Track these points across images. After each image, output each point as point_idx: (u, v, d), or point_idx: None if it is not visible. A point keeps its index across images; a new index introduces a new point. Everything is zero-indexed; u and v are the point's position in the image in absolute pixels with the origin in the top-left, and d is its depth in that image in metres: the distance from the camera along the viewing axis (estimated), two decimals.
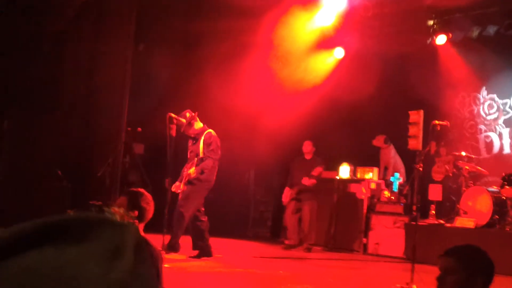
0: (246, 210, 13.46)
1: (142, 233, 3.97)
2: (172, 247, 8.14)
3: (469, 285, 2.72)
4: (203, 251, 8.31)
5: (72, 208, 7.17)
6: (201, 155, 8.42)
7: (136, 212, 4.06)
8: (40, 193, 9.52)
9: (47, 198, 9.50)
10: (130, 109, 11.05)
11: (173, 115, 8.37)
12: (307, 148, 11.19)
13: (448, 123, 7.49)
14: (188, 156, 8.73)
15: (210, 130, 8.65)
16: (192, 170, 8.33)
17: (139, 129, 10.38)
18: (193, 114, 8.66)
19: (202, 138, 8.48)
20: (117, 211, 3.93)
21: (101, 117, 10.76)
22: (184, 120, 8.44)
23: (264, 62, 11.29)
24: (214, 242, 8.58)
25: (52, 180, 10.07)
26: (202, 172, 8.31)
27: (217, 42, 11.10)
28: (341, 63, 12.69)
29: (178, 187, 8.42)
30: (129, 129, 10.40)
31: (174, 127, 8.36)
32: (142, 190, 4.16)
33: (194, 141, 8.64)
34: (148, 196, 4.07)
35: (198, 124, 8.68)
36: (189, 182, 8.36)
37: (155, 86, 11.64)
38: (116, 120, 10.87)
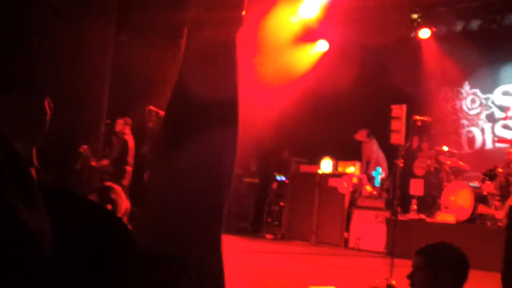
0: (228, 203, 13.34)
1: None
2: None
3: (436, 282, 2.73)
4: None
5: None
6: None
7: (110, 206, 3.96)
8: None
9: None
10: (111, 101, 10.89)
11: (153, 108, 8.22)
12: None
13: (430, 118, 7.43)
14: None
15: None
16: None
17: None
18: None
19: None
20: None
21: (80, 109, 10.56)
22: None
23: (247, 55, 11.17)
24: None
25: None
26: None
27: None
28: (324, 56, 12.61)
29: None
30: (108, 121, 10.27)
31: (154, 120, 8.21)
32: (109, 183, 4.06)
33: None
34: (117, 188, 3.97)
35: None
36: None
37: (136, 78, 11.46)
38: (96, 112, 10.70)
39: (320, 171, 11.58)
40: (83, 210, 0.92)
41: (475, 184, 9.89)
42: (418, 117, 7.23)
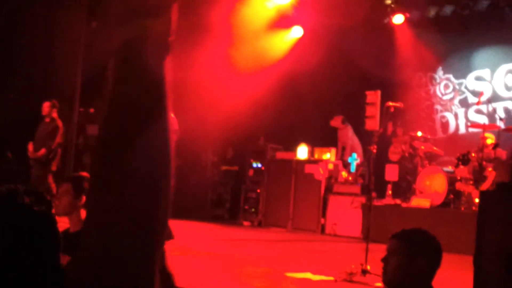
0: (204, 191, 13.33)
1: None
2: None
3: (409, 266, 2.77)
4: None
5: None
6: None
7: (84, 197, 3.88)
8: None
9: None
10: (83, 89, 10.76)
11: None
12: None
13: (402, 104, 7.46)
14: None
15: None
16: None
17: (92, 110, 10.10)
18: None
19: None
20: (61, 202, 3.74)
21: (53, 98, 10.40)
22: None
23: (221, 42, 11.09)
24: (172, 224, 8.41)
25: (2, 162, 9.75)
26: None
27: None
28: (299, 42, 12.58)
29: None
30: (81, 109, 10.14)
31: None
32: (85, 173, 3.95)
33: None
34: None
35: None
36: None
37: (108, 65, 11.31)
38: (69, 100, 10.56)
39: (296, 158, 11.60)
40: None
41: (449, 169, 9.99)
42: (391, 103, 7.25)
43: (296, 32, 12.61)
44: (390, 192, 10.47)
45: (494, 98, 11.65)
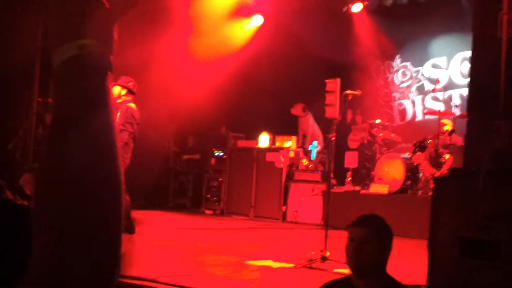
0: (166, 181, 13.31)
1: None
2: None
3: (380, 253, 2.82)
4: (126, 229, 8.06)
5: None
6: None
7: None
8: None
9: None
10: (41, 79, 10.58)
11: None
12: None
13: (360, 92, 7.56)
14: None
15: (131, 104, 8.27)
16: None
17: (50, 100, 9.92)
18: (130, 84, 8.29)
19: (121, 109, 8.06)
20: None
21: (10, 87, 10.20)
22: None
23: (180, 31, 11.02)
24: (134, 214, 8.38)
25: None
26: None
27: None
28: (259, 30, 12.61)
29: None
30: (39, 99, 9.98)
31: None
32: None
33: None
34: None
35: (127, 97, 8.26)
36: None
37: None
38: (27, 90, 10.36)
39: (257, 146, 11.67)
40: None
41: (407, 155, 10.20)
42: (349, 92, 7.35)
43: (257, 20, 12.63)
44: (349, 179, 10.64)
45: (450, 85, 11.91)
